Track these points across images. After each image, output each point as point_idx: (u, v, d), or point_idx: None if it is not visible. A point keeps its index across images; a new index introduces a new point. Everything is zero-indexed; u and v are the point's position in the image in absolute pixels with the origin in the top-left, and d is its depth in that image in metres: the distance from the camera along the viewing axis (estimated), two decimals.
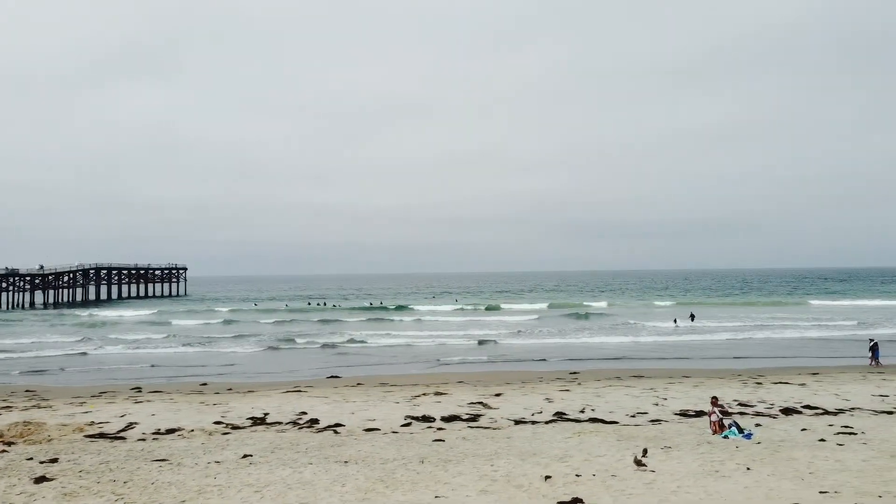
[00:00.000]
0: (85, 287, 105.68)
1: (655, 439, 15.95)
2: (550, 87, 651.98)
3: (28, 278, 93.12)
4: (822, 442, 15.30)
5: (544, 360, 35.55)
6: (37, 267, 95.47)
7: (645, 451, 13.80)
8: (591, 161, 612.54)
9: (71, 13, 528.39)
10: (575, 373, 30.47)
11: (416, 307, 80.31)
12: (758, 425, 17.70)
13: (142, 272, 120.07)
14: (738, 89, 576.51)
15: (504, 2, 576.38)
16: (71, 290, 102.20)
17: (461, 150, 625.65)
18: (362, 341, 44.78)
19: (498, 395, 23.70)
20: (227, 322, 61.26)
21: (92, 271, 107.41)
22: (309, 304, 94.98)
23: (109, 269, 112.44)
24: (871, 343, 32.37)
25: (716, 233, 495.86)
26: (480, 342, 43.94)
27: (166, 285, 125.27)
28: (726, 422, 16.84)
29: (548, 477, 11.87)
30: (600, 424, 18.34)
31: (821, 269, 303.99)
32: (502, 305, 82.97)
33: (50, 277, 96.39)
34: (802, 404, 21.06)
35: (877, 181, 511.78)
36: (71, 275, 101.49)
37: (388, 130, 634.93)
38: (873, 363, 31.14)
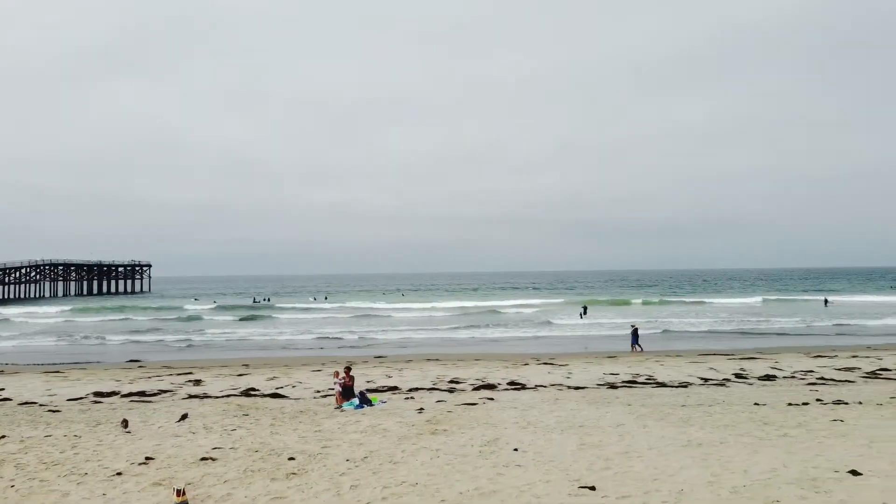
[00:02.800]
0: (39, 283, 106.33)
1: (275, 410, 15.91)
2: (549, 86, 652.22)
3: None
4: (420, 412, 15.23)
5: (369, 346, 35.48)
6: None
7: (122, 420, 13.73)
8: (591, 161, 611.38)
9: (66, 13, 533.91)
10: (381, 356, 30.48)
11: (347, 304, 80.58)
12: (408, 398, 17.74)
13: (104, 269, 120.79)
14: (738, 88, 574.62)
15: (502, 2, 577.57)
16: (25, 286, 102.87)
17: (460, 150, 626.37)
18: (231, 335, 44.42)
19: (241, 375, 23.87)
20: (124, 319, 61.08)
21: (47, 267, 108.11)
22: (254, 300, 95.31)
23: (67, 265, 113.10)
24: (632, 329, 32.50)
25: (715, 232, 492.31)
26: (354, 336, 43.21)
27: (129, 283, 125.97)
28: (356, 392, 16.80)
29: (3, 437, 11.94)
30: (269, 399, 18.40)
31: (819, 269, 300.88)
32: (441, 303, 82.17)
33: None
34: (510, 381, 21.05)
35: (877, 181, 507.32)
36: (22, 270, 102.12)
37: (387, 130, 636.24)
38: (636, 349, 31.06)
